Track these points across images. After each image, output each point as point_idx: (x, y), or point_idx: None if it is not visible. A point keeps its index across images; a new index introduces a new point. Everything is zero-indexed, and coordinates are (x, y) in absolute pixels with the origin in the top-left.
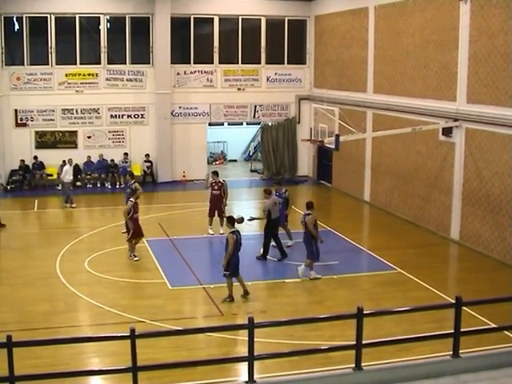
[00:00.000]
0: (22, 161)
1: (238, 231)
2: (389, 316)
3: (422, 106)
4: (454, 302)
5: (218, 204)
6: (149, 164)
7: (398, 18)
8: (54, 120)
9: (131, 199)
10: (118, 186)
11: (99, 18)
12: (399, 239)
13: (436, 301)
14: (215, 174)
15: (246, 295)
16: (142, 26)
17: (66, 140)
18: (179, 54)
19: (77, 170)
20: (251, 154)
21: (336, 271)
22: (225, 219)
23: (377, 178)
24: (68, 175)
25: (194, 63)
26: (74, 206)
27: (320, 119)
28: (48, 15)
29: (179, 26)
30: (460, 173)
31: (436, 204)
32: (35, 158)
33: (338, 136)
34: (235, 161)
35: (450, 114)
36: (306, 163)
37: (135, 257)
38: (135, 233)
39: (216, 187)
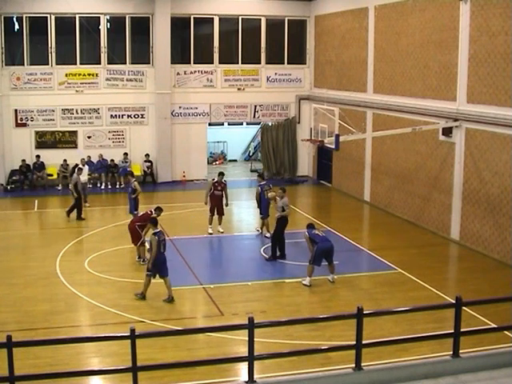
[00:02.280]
0: (23, 161)
1: (160, 232)
2: (389, 316)
3: (422, 106)
4: (454, 302)
5: (219, 204)
6: (149, 164)
7: (398, 18)
8: (53, 120)
9: (154, 213)
10: (118, 186)
11: (99, 18)
12: (399, 239)
13: (436, 301)
14: (221, 175)
15: (169, 300)
16: (142, 26)
17: (66, 140)
18: (179, 54)
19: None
20: (251, 153)
21: (336, 271)
22: (220, 217)
23: (377, 177)
24: (81, 175)
25: (194, 63)
26: (87, 205)
27: (320, 119)
28: (48, 15)
29: (179, 25)
30: (460, 173)
31: (436, 204)
32: (37, 157)
33: (337, 136)
34: (235, 161)
35: (450, 114)
36: (306, 163)
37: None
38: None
39: (219, 188)
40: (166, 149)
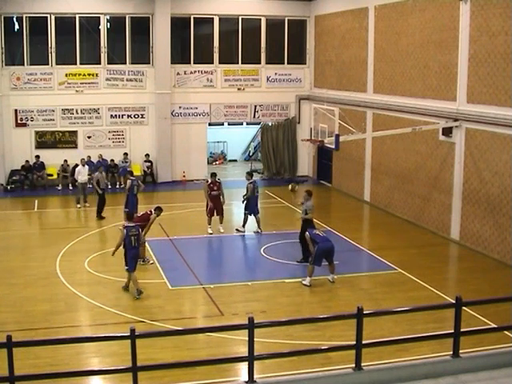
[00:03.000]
0: (27, 161)
1: (131, 226)
2: (389, 316)
3: (422, 106)
4: (454, 302)
5: (218, 203)
6: (149, 164)
7: (398, 18)
8: (53, 120)
9: (154, 213)
10: (118, 186)
11: (99, 17)
12: (399, 239)
13: (436, 301)
14: (214, 175)
15: (126, 288)
16: (142, 26)
17: (66, 140)
18: (179, 54)
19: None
20: (251, 153)
21: (336, 271)
22: (218, 216)
23: (377, 177)
24: (81, 175)
25: (194, 63)
26: (87, 205)
27: (320, 119)
28: (48, 15)
29: (179, 25)
30: (460, 173)
31: (436, 204)
32: (37, 157)
33: (337, 136)
34: (235, 161)
35: (450, 114)
36: (306, 163)
37: (149, 261)
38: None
39: (215, 187)
40: (166, 149)
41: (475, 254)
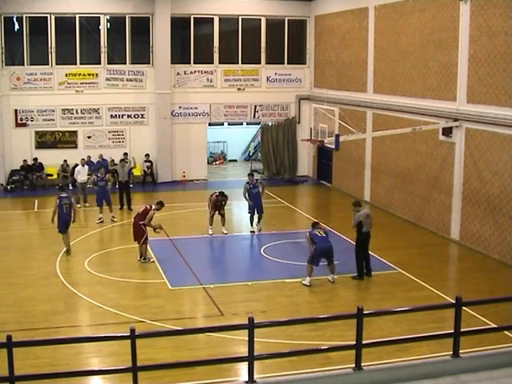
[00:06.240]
0: (25, 161)
1: (63, 197)
2: (389, 316)
3: (422, 106)
4: (454, 302)
5: (218, 206)
6: (149, 164)
7: (398, 18)
8: (53, 120)
9: (153, 207)
10: (117, 186)
11: (99, 18)
12: (399, 239)
13: (436, 301)
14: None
15: (68, 252)
16: (142, 26)
17: (66, 140)
18: (179, 54)
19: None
20: (251, 153)
21: (336, 271)
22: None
23: (377, 177)
24: (80, 175)
25: (194, 63)
26: (87, 205)
27: (320, 119)
28: (48, 15)
29: (179, 25)
30: (460, 173)
31: (436, 204)
32: (35, 159)
33: (337, 136)
34: (235, 161)
35: (450, 114)
36: (306, 163)
37: (150, 259)
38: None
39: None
40: (166, 149)
41: (475, 254)
